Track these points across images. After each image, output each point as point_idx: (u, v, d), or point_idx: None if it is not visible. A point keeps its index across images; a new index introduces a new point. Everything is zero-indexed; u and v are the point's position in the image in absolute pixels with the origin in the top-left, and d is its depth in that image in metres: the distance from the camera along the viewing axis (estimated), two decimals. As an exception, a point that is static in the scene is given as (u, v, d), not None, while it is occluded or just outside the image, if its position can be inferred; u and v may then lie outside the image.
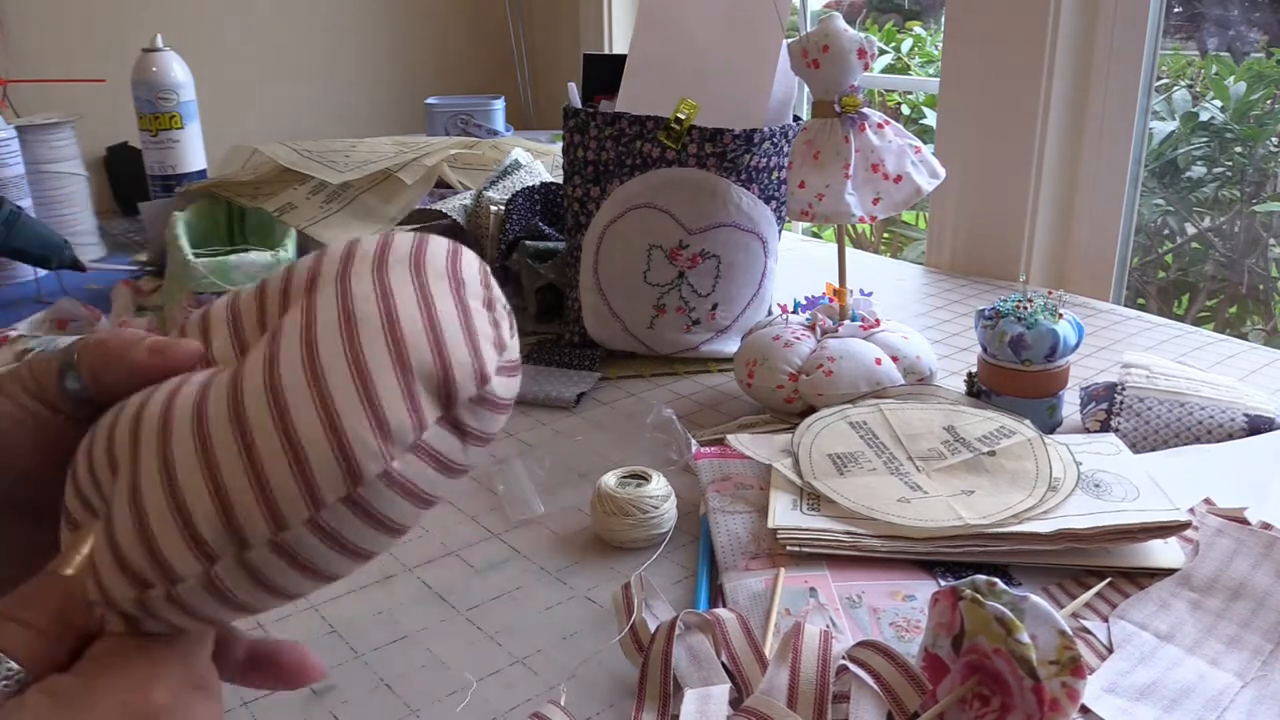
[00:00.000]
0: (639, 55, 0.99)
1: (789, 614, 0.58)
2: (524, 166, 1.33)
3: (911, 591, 0.60)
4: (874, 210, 0.87)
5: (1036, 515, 0.63)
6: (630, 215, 0.96)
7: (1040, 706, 0.44)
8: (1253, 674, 0.53)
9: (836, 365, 0.83)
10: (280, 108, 2.02)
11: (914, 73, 2.54)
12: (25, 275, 1.35)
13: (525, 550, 0.69)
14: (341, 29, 2.07)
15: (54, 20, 1.75)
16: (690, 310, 0.99)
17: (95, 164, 1.75)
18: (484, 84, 2.25)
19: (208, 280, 1.05)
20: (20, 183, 1.35)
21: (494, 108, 1.85)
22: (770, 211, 0.98)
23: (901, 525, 0.63)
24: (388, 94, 2.15)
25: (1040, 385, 0.81)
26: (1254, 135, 1.96)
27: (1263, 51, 2.01)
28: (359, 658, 0.58)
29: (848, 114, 0.87)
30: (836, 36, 0.84)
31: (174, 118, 1.45)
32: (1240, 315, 2.03)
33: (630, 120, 0.94)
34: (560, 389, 0.94)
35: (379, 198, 1.26)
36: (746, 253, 0.99)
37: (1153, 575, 0.61)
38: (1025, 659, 0.44)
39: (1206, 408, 0.78)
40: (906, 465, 0.71)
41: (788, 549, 0.63)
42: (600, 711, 0.53)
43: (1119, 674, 0.53)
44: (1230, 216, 2.03)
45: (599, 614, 0.62)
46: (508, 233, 1.14)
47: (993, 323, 0.81)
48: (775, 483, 0.70)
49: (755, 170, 0.96)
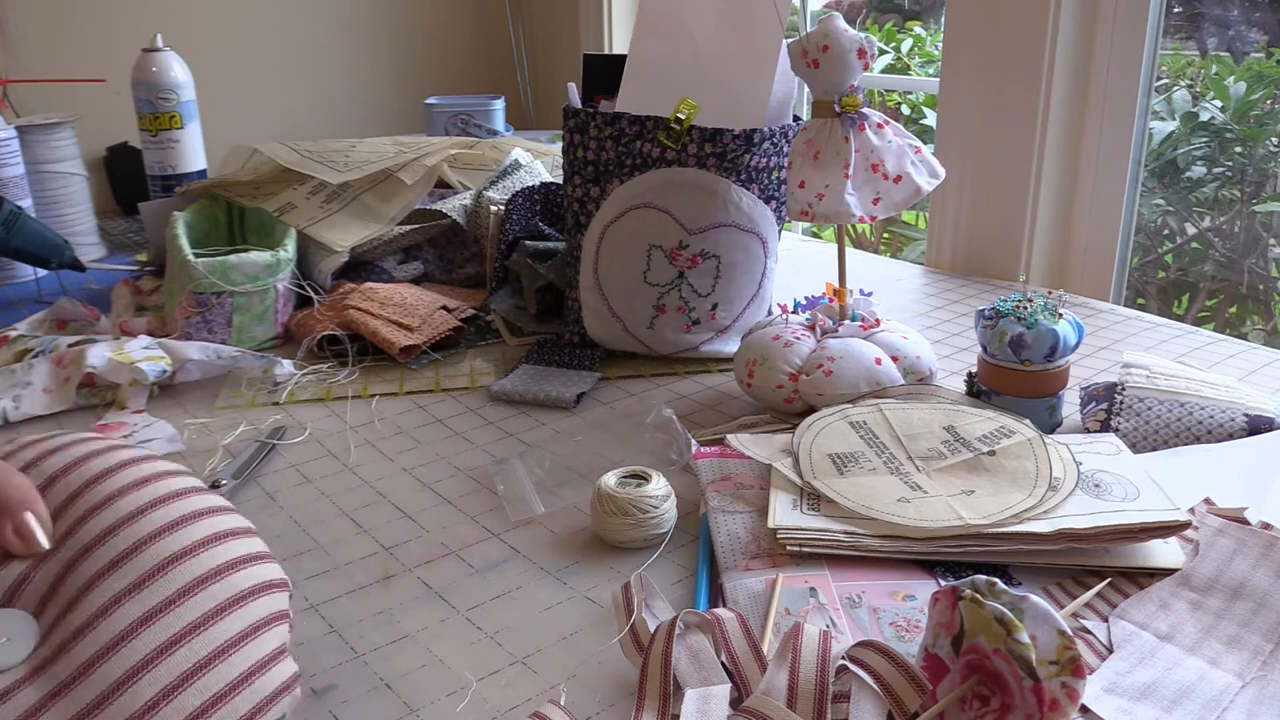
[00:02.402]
0: (639, 55, 0.99)
1: (789, 614, 0.58)
2: (524, 166, 1.33)
3: (911, 591, 0.60)
4: (874, 210, 0.87)
5: (1036, 515, 0.63)
6: (630, 215, 0.96)
7: (1040, 706, 0.44)
8: (1253, 674, 0.53)
9: (836, 365, 0.83)
10: (280, 108, 2.02)
11: (914, 73, 2.54)
12: (25, 275, 1.35)
13: (525, 550, 0.69)
14: (342, 29, 2.07)
15: (54, 20, 1.75)
16: (690, 310, 0.99)
17: (95, 164, 1.75)
18: (484, 84, 2.25)
19: (208, 280, 1.06)
20: (20, 183, 1.35)
21: (494, 108, 1.85)
22: (770, 211, 0.98)
23: (901, 525, 0.63)
24: (388, 94, 2.15)
25: (1040, 385, 0.81)
26: (1254, 135, 1.96)
27: (1263, 51, 2.01)
28: (359, 658, 0.58)
29: (848, 114, 0.87)
30: (836, 36, 0.84)
31: (174, 118, 1.45)
32: (1240, 315, 2.03)
33: (630, 120, 0.94)
34: (560, 389, 0.94)
35: (379, 198, 1.26)
36: (746, 253, 0.99)
37: (1153, 575, 0.61)
38: (1025, 659, 0.44)
39: (1206, 408, 0.78)
40: (906, 465, 0.71)
41: (788, 549, 0.63)
42: (600, 711, 0.53)
43: (1119, 674, 0.53)
44: (1230, 216, 2.03)
45: (599, 614, 0.62)
46: (508, 233, 1.14)
47: (993, 323, 0.81)
48: (775, 483, 0.70)
49: (755, 170, 0.96)
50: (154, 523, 0.45)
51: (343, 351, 1.04)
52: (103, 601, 0.43)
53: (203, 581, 0.45)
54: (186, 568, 0.45)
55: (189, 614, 0.44)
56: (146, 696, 0.41)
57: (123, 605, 0.43)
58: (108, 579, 0.43)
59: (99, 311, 1.13)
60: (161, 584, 0.44)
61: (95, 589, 0.43)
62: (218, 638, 0.44)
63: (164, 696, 0.42)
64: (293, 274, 1.13)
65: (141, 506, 0.46)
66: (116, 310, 1.16)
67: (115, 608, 0.43)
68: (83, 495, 0.46)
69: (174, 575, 0.44)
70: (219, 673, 0.43)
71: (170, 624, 0.43)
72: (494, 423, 0.90)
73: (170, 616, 0.43)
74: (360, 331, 1.03)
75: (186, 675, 0.42)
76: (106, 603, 0.43)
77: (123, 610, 0.43)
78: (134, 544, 0.44)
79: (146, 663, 0.42)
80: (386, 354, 1.03)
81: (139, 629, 0.42)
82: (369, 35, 2.10)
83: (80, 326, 1.11)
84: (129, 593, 0.43)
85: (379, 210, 1.25)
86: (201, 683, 0.42)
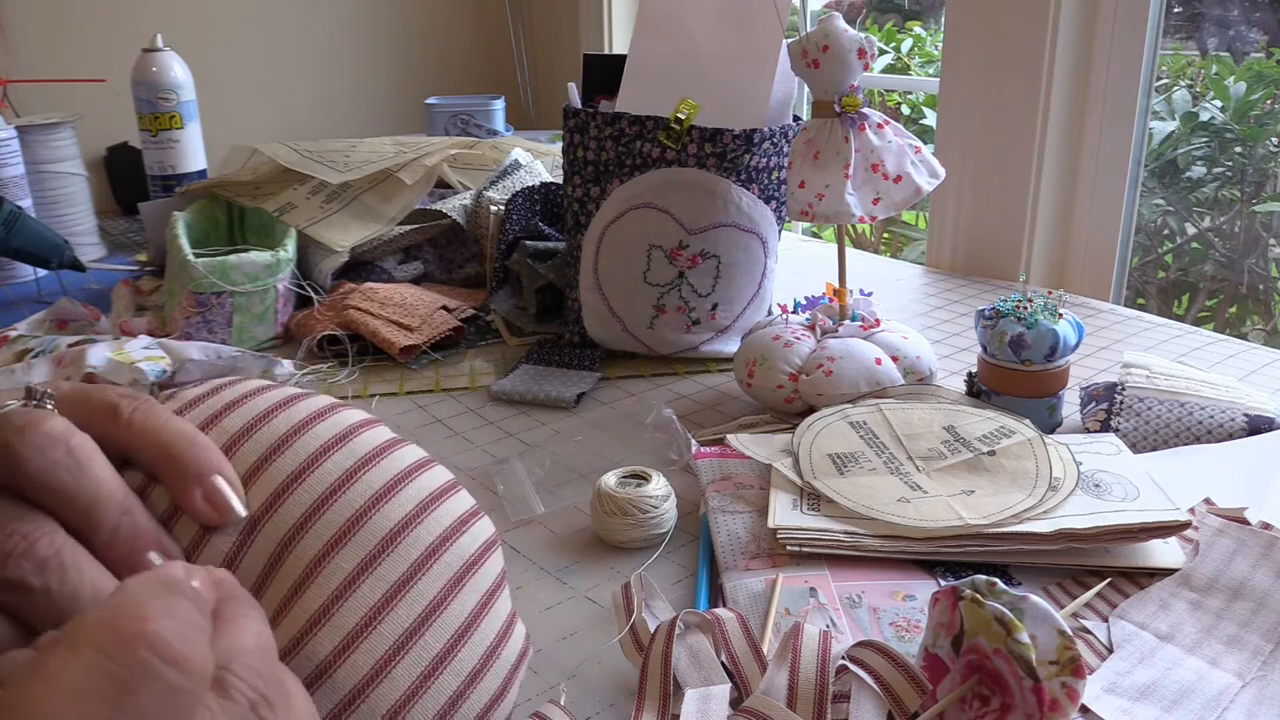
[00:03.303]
0: (639, 55, 0.99)
1: (789, 614, 0.58)
2: (524, 166, 1.33)
3: (911, 591, 0.60)
4: (874, 210, 0.87)
5: (1036, 515, 0.63)
6: (630, 215, 0.96)
7: (1040, 706, 0.44)
8: (1253, 674, 0.53)
9: (836, 365, 0.83)
10: (280, 108, 2.02)
11: (914, 73, 2.54)
12: (25, 275, 1.35)
13: (525, 550, 0.69)
14: (342, 29, 2.07)
15: (54, 20, 1.75)
16: (690, 310, 0.99)
17: (95, 164, 1.75)
18: (484, 84, 2.25)
19: (208, 280, 1.06)
20: (20, 183, 1.35)
21: (494, 108, 1.85)
22: (770, 211, 0.98)
23: (901, 525, 0.63)
24: (388, 94, 2.15)
25: (1040, 385, 0.81)
26: (1254, 135, 1.96)
27: (1263, 51, 2.01)
28: (359, 658, 0.58)
29: (848, 114, 0.87)
30: (836, 36, 0.84)
31: (174, 118, 1.45)
32: (1240, 315, 2.03)
33: (630, 120, 0.94)
34: (560, 389, 0.94)
35: (379, 198, 1.26)
36: (746, 253, 0.99)
37: (1153, 575, 0.61)
38: (1025, 659, 0.44)
39: (1206, 408, 0.78)
40: (906, 465, 0.71)
41: (788, 549, 0.63)
42: (600, 711, 0.53)
43: (1119, 674, 0.53)
44: (1230, 216, 2.04)
45: (599, 614, 0.62)
46: (508, 233, 1.14)
47: (993, 323, 0.81)
48: (775, 483, 0.70)
49: (755, 170, 0.96)
50: (370, 487, 0.39)
51: (343, 351, 1.04)
52: (336, 585, 0.37)
53: (433, 552, 0.40)
54: (415, 537, 0.39)
55: (429, 590, 0.39)
56: (404, 686, 0.37)
57: (359, 588, 0.37)
58: (334, 557, 0.37)
59: (99, 311, 1.13)
60: (394, 559, 0.38)
61: (323, 570, 0.37)
62: (460, 612, 0.39)
63: (421, 684, 0.37)
64: (293, 274, 1.13)
65: (351, 469, 0.40)
66: (116, 310, 1.16)
67: (351, 592, 0.37)
68: (277, 457, 0.39)
69: (404, 548, 0.39)
70: (469, 650, 0.39)
71: (413, 604, 0.38)
72: (494, 423, 0.90)
73: (411, 595, 0.38)
74: (360, 331, 1.03)
75: (440, 658, 0.38)
76: (340, 586, 0.37)
77: (360, 594, 0.37)
78: (355, 514, 0.38)
79: (397, 649, 0.37)
80: (386, 354, 1.03)
81: (382, 612, 0.37)
82: (369, 35, 2.10)
83: (80, 326, 1.11)
84: (362, 572, 0.37)
85: (379, 210, 1.25)
86: (455, 664, 0.39)
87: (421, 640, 0.38)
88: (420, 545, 0.39)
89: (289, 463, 0.39)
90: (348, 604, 0.37)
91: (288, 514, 0.38)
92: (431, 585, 0.39)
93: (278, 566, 0.37)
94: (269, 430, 0.40)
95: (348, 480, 0.39)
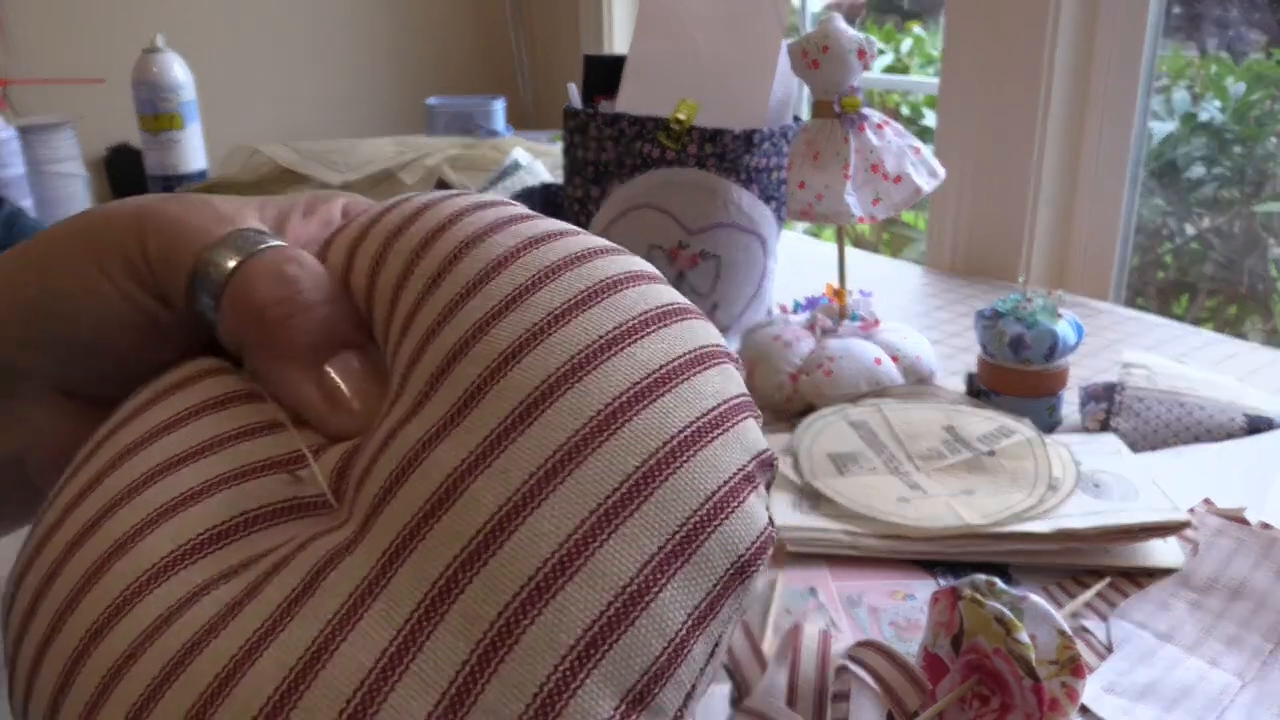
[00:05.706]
0: (639, 55, 0.99)
1: (789, 614, 0.58)
2: (524, 166, 1.33)
3: (911, 591, 0.60)
4: (874, 211, 0.87)
5: (1036, 515, 0.63)
6: (630, 215, 0.96)
7: (1040, 706, 0.44)
8: (1253, 674, 0.53)
9: (836, 365, 0.83)
10: (280, 108, 2.02)
11: (914, 73, 2.54)
12: (25, 275, 1.35)
13: (525, 550, 0.69)
14: (342, 29, 2.07)
15: (54, 20, 1.75)
16: (690, 310, 0.99)
17: (95, 164, 1.75)
18: (484, 84, 2.25)
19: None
20: (20, 183, 1.35)
21: (494, 108, 1.85)
22: (770, 211, 0.99)
23: (901, 525, 0.63)
24: (388, 94, 2.15)
25: (1040, 385, 0.81)
26: (1254, 135, 1.96)
27: (1263, 52, 2.01)
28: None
29: (847, 114, 0.87)
30: (836, 37, 0.84)
31: (174, 118, 1.45)
32: (1240, 315, 2.03)
33: (630, 121, 0.94)
34: (560, 389, 0.94)
35: (379, 198, 1.26)
36: (746, 253, 0.99)
37: (1152, 575, 0.61)
38: (1025, 659, 0.44)
39: (1206, 408, 0.78)
40: (906, 465, 0.71)
41: (788, 549, 0.63)
42: (600, 711, 0.53)
43: (1119, 674, 0.53)
44: (1230, 217, 2.04)
45: (599, 614, 0.62)
46: (508, 233, 1.14)
47: (993, 323, 0.81)
48: (775, 482, 0.70)
49: (755, 170, 0.96)
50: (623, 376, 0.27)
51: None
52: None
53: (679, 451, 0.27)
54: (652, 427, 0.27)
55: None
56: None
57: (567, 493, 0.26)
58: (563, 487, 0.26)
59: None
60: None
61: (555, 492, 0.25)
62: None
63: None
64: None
65: (594, 344, 0.27)
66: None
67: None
68: (461, 308, 0.28)
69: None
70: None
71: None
72: (494, 423, 0.89)
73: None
74: (360, 331, 1.03)
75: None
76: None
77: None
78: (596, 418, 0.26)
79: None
80: (386, 354, 1.03)
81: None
82: (369, 35, 2.11)
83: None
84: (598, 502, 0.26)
85: (379, 210, 1.24)
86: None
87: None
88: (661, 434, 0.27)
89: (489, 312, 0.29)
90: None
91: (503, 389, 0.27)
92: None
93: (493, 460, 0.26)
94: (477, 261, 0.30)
95: (595, 360, 0.27)
